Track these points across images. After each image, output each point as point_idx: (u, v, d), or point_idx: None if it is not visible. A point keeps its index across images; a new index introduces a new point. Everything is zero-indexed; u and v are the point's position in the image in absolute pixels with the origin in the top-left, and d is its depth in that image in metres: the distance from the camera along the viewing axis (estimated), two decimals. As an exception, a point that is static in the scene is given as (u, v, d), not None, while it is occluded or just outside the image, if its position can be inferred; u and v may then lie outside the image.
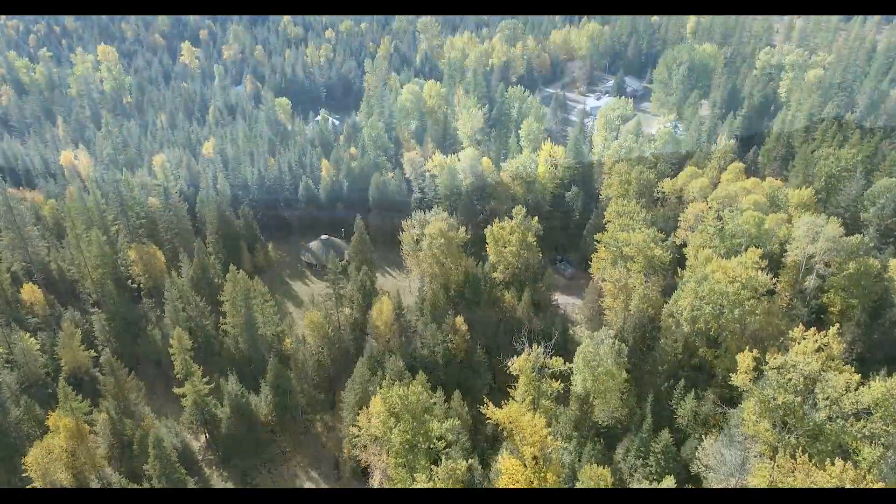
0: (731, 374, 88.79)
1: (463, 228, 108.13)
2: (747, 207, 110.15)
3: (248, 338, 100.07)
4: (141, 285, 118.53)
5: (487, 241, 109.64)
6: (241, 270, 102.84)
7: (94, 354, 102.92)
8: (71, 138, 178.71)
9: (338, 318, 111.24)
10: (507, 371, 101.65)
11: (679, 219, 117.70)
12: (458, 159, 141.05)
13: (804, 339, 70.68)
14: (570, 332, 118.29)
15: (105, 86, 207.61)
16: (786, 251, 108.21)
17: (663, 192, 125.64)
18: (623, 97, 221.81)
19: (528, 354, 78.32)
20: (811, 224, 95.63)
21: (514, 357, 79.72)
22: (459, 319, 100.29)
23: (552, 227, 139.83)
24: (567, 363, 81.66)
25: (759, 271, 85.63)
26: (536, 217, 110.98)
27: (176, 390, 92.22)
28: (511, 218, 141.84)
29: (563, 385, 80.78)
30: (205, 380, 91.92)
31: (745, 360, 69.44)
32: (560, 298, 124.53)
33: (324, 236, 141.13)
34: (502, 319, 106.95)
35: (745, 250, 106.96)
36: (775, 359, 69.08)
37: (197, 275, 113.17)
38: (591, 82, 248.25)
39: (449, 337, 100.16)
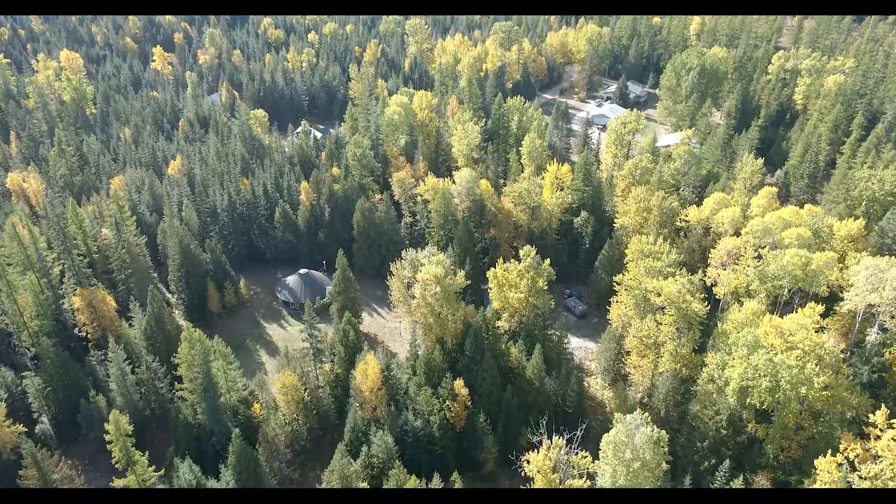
0: (782, 452, 74.47)
1: (462, 273, 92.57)
2: (789, 243, 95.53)
3: (208, 407, 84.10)
4: (89, 335, 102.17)
5: (490, 285, 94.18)
6: (198, 329, 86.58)
7: (25, 429, 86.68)
8: (23, 156, 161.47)
9: (316, 376, 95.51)
10: (519, 450, 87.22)
11: (709, 255, 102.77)
12: (454, 182, 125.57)
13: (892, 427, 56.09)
14: (585, 383, 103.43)
15: (65, 95, 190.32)
16: (833, 292, 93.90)
17: (687, 222, 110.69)
18: (632, 108, 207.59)
19: (548, 450, 63.02)
20: (874, 269, 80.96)
21: (532, 452, 64.22)
22: (459, 383, 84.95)
23: (559, 258, 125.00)
24: (587, 453, 66.67)
25: (824, 334, 70.69)
26: (548, 260, 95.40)
27: (116, 483, 76.09)
28: (514, 249, 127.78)
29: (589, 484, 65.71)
30: (151, 468, 76.03)
31: (827, 468, 54.39)
32: (570, 340, 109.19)
33: (302, 270, 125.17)
34: (508, 373, 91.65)
35: (788, 294, 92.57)
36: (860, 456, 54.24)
37: (151, 326, 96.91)
38: (591, 87, 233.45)
39: (447, 404, 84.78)
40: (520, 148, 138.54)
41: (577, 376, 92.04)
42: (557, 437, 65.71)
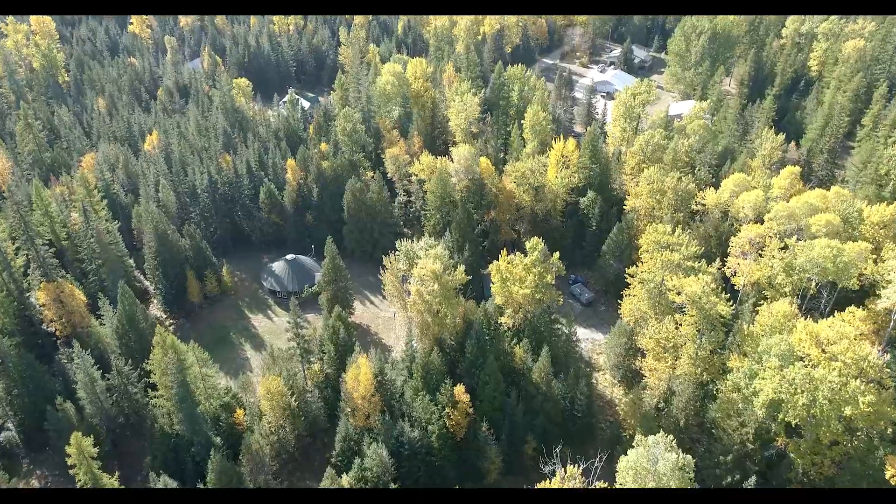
0: (813, 468, 68.09)
1: (462, 269, 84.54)
2: (816, 230, 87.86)
3: (185, 417, 76.88)
4: (57, 332, 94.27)
5: (493, 279, 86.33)
6: (170, 335, 78.65)
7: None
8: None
9: (304, 377, 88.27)
10: (524, 459, 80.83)
11: (728, 242, 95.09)
12: (451, 160, 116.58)
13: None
14: (593, 380, 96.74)
15: (34, 62, 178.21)
16: (864, 286, 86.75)
17: (703, 205, 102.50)
18: (637, 74, 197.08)
19: (562, 481, 56.19)
20: (916, 265, 73.53)
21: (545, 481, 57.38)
22: (460, 389, 77.83)
23: (563, 241, 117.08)
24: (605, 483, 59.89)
25: (868, 344, 63.48)
26: (557, 254, 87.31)
27: None
28: (516, 232, 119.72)
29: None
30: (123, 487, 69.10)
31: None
32: (576, 330, 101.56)
33: (289, 256, 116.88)
34: (512, 374, 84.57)
35: (816, 287, 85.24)
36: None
37: (122, 325, 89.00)
38: (594, 52, 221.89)
39: (447, 412, 77.83)
40: (521, 121, 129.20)
41: (586, 378, 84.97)
42: (573, 467, 58.74)
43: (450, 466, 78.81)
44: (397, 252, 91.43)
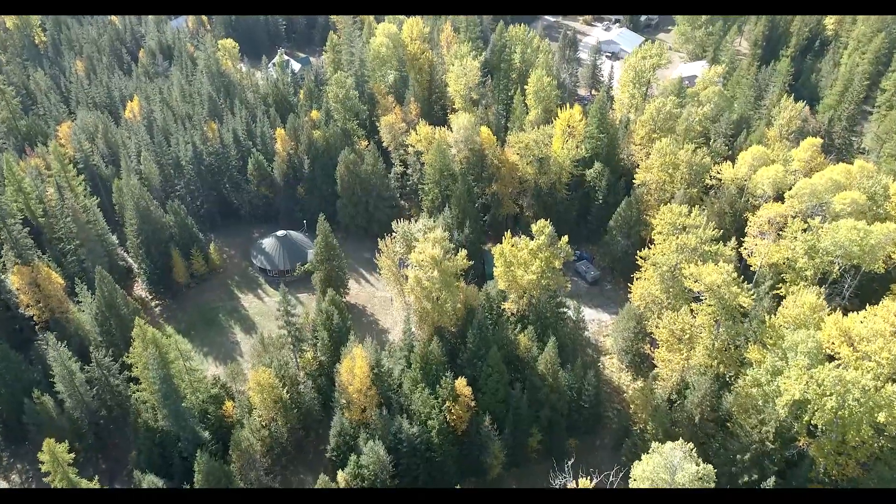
0: (836, 469, 64.24)
1: (463, 254, 78.98)
2: (841, 209, 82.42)
3: (170, 413, 72.46)
4: (35, 318, 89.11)
5: (496, 262, 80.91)
6: (150, 328, 73.32)
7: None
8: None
9: (297, 365, 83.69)
10: (528, 452, 76.97)
11: (745, 220, 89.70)
12: (449, 129, 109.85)
13: None
14: (599, 363, 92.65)
15: (8, 21, 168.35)
16: (888, 270, 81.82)
17: (718, 179, 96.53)
18: (643, 33, 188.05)
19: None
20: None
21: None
22: (461, 382, 73.33)
23: (568, 215, 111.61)
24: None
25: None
26: (566, 238, 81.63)
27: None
28: (519, 207, 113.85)
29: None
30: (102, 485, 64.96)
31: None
32: (583, 311, 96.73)
33: (280, 232, 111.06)
34: (516, 362, 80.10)
35: (839, 271, 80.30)
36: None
37: (102, 312, 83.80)
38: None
39: (447, 405, 73.50)
40: (524, 86, 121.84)
41: (594, 368, 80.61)
42: (586, 479, 54.55)
43: (451, 461, 74.95)
44: (394, 234, 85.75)
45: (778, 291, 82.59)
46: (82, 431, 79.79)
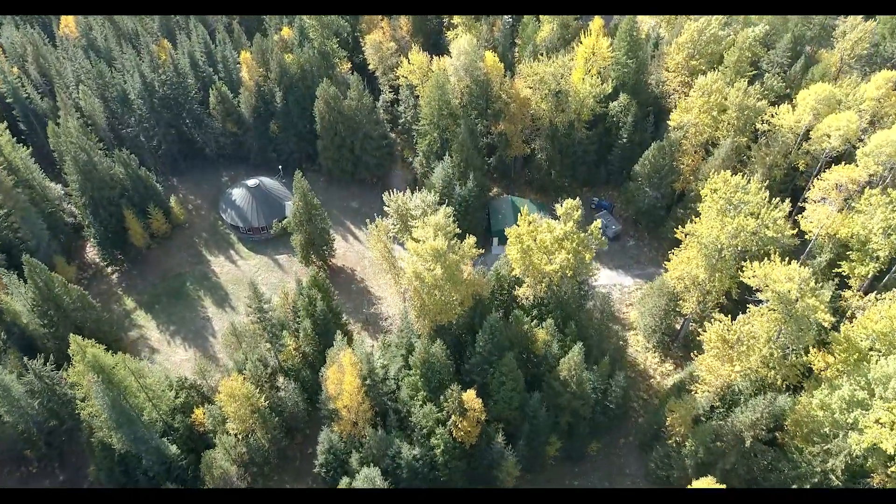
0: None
1: (472, 241, 64.63)
2: (926, 173, 67.97)
3: (127, 437, 61.31)
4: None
5: (510, 245, 66.86)
6: (94, 343, 60.15)
7: None
8: None
9: (276, 361, 71.93)
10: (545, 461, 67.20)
11: (798, 177, 75.35)
12: (448, 54, 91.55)
13: None
14: (622, 342, 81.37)
15: None
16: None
17: (769, 123, 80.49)
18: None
19: None
20: None
21: None
22: (470, 395, 62.01)
23: (586, 157, 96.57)
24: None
25: None
26: (598, 224, 67.06)
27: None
28: (531, 150, 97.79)
29: None
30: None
31: None
32: (600, 270, 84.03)
33: (251, 182, 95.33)
34: (531, 359, 68.76)
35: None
36: None
37: (38, 304, 70.21)
38: None
39: (454, 420, 62.72)
40: None
41: (624, 367, 69.39)
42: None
43: (458, 477, 65.29)
44: (385, 208, 71.04)
45: (839, 271, 70.08)
46: (33, 439, 69.25)
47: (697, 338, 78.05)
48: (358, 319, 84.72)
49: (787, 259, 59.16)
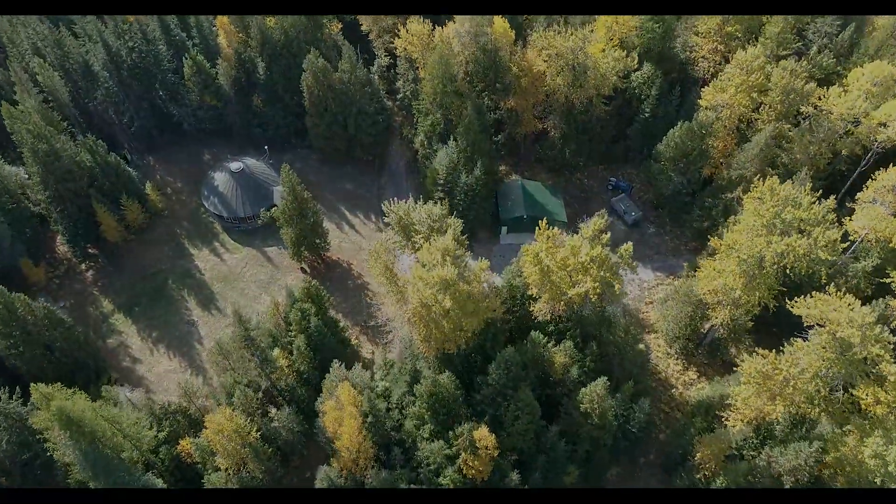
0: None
1: (485, 264, 56.98)
2: None
3: (104, 483, 55.74)
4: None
5: (526, 265, 59.28)
6: (64, 388, 53.46)
7: None
8: None
9: (268, 382, 65.81)
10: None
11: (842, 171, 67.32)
12: (452, 20, 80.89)
13: None
14: (642, 345, 75.13)
15: None
16: None
17: (816, 106, 71.38)
18: None
19: None
20: None
21: None
22: (482, 432, 56.26)
23: (604, 133, 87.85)
24: None
25: None
26: (629, 245, 58.99)
27: None
28: (543, 130, 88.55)
29: None
30: None
31: None
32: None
33: (234, 166, 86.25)
34: (546, 381, 62.77)
35: None
36: None
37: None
38: None
39: (464, 458, 57.29)
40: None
41: (650, 392, 63.51)
42: None
43: (467, 513, 60.55)
44: (385, 219, 63.05)
45: (888, 280, 63.17)
46: (6, 469, 63.87)
47: (726, 346, 72.64)
48: (357, 322, 78.19)
49: (842, 290, 52.25)
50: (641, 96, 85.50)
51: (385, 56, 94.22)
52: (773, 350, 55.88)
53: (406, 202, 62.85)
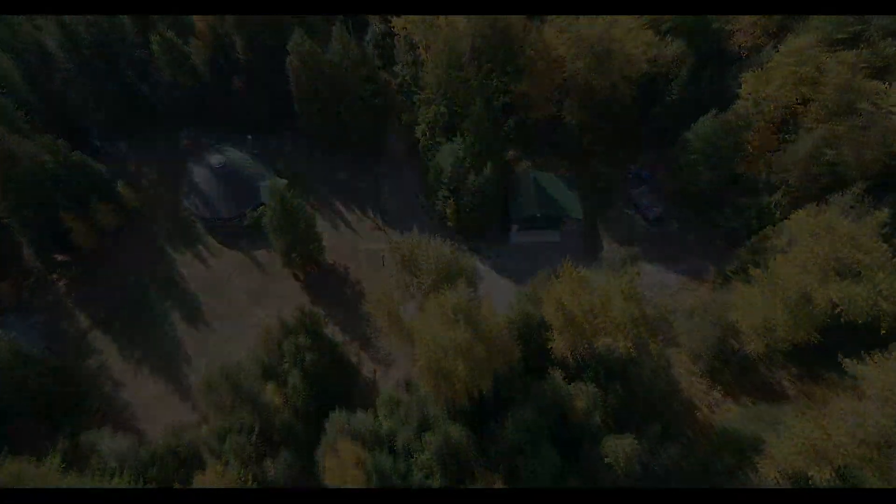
0: None
1: (488, 304, 50.09)
2: None
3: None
4: None
5: (545, 305, 52.66)
6: (22, 463, 47.65)
7: None
8: None
9: (259, 423, 60.53)
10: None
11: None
12: (457, -8, 70.19)
13: None
14: (666, 360, 69.86)
15: None
16: None
17: (877, 105, 62.72)
18: None
19: None
20: None
21: None
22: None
23: (626, 120, 79.12)
24: None
25: None
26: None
27: None
28: (558, 116, 79.48)
29: None
30: None
31: None
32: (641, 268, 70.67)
33: (216, 160, 77.51)
34: (566, 428, 57.70)
35: None
36: None
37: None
38: None
39: (477, 515, 52.83)
40: None
41: (679, 434, 58.47)
42: None
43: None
44: (384, 258, 55.77)
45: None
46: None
47: (756, 366, 67.50)
48: (356, 336, 72.25)
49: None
50: (669, 76, 76.30)
51: (380, 23, 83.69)
52: (817, 382, 50.71)
53: (411, 236, 55.30)
